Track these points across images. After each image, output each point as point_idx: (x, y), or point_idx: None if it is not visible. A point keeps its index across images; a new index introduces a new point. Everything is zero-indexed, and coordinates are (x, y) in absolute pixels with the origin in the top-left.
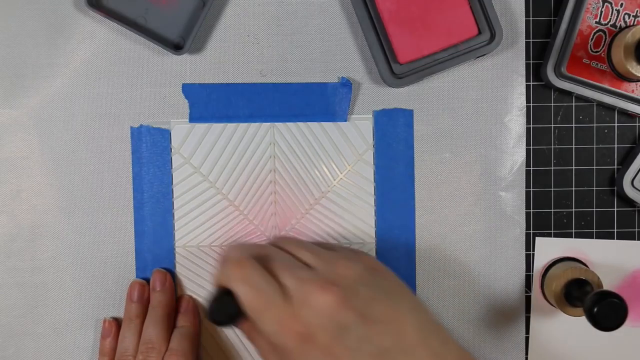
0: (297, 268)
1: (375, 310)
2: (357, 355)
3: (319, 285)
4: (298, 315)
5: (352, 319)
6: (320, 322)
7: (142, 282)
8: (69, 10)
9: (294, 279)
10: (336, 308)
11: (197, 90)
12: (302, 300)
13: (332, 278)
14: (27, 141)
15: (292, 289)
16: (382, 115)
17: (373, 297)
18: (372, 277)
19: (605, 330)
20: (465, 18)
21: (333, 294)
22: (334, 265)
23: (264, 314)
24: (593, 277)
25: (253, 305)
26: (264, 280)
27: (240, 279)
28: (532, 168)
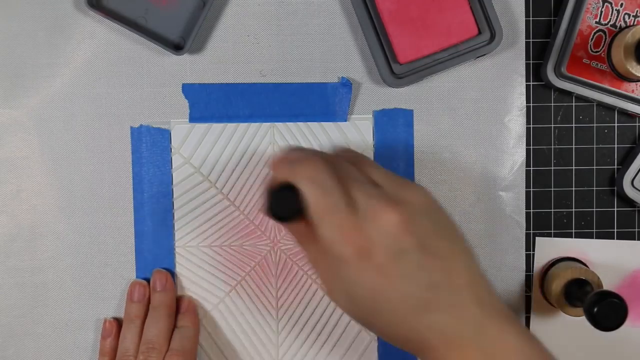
0: (366, 183)
1: (433, 242)
2: (409, 281)
3: (387, 203)
4: (361, 228)
5: (411, 245)
6: (382, 240)
7: (142, 282)
8: (69, 10)
9: (362, 192)
10: (399, 230)
11: (197, 90)
12: (367, 214)
13: (400, 199)
14: (27, 141)
15: (359, 201)
16: (382, 115)
17: (434, 229)
18: (436, 212)
19: (605, 330)
20: (465, 18)
21: (399, 215)
22: (403, 189)
23: (328, 218)
24: (593, 277)
25: (319, 206)
26: (334, 184)
27: (310, 176)
28: (532, 168)
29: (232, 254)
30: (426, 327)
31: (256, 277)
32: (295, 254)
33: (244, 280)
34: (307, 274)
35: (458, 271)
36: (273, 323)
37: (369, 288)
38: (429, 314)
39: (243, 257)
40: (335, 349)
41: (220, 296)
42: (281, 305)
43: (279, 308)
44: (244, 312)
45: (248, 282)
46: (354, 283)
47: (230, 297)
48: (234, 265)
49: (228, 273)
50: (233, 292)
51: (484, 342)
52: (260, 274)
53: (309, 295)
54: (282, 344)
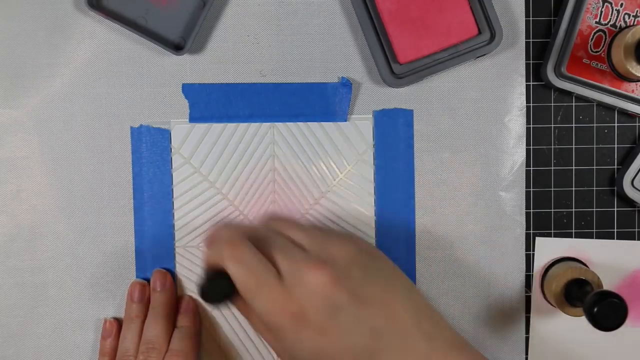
0: (289, 248)
1: (367, 291)
2: (350, 335)
3: (312, 264)
4: (291, 295)
5: (344, 299)
6: (313, 302)
7: (142, 282)
8: (69, 10)
9: (287, 259)
10: (329, 287)
11: (197, 90)
12: (294, 280)
13: (325, 258)
14: (27, 141)
15: (284, 269)
16: (382, 115)
17: (365, 278)
18: (365, 258)
19: (605, 330)
20: (465, 18)
21: (326, 273)
22: (326, 245)
23: (257, 294)
24: (593, 277)
25: (246, 285)
26: (257, 260)
27: (233, 258)
28: (532, 168)
29: None
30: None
31: None
32: None
33: None
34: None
35: (400, 313)
36: None
37: (311, 350)
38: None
39: None
40: None
41: None
42: None
43: None
44: None
45: None
46: (296, 348)
47: None
48: None
49: None
50: None
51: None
52: None
53: None
54: None
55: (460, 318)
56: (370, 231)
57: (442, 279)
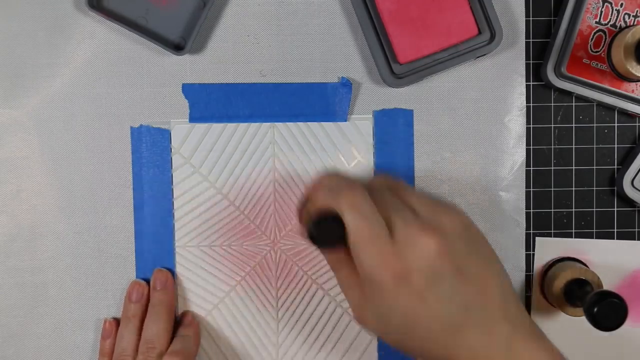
0: (404, 209)
1: (468, 265)
2: (443, 304)
3: (424, 229)
4: (399, 254)
5: (447, 269)
6: (419, 265)
7: (141, 282)
8: (69, 10)
9: (400, 219)
10: (436, 255)
11: (197, 90)
12: (405, 240)
13: (437, 225)
14: (27, 141)
15: (398, 228)
16: (382, 115)
17: (469, 254)
18: (471, 234)
19: (605, 330)
20: (465, 18)
21: (436, 240)
22: (438, 214)
23: (369, 246)
24: (593, 277)
25: (359, 234)
26: (374, 213)
27: (352, 205)
28: (532, 168)
29: (232, 254)
30: (458, 345)
31: (256, 277)
32: (296, 254)
33: (244, 280)
34: (307, 274)
35: (491, 292)
36: (273, 323)
37: (404, 312)
38: (461, 334)
39: (243, 257)
40: (336, 348)
41: (220, 296)
42: (281, 306)
43: (279, 308)
44: (244, 312)
45: (248, 282)
46: (389, 307)
47: (230, 297)
48: (234, 265)
49: (228, 273)
50: (233, 292)
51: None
52: (260, 274)
53: (309, 295)
54: (282, 344)
55: None
56: None
57: None
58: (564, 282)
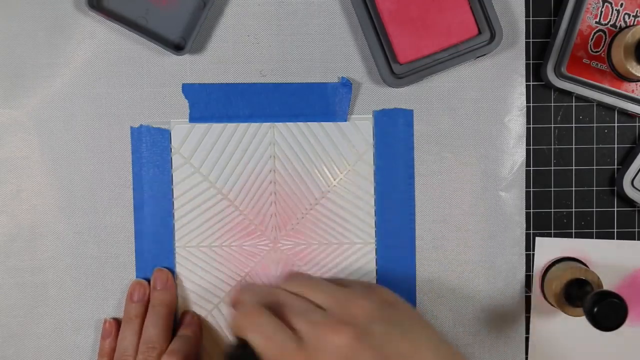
0: (309, 312)
1: (392, 346)
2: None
3: (332, 327)
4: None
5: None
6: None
7: (142, 282)
8: (69, 10)
9: (307, 324)
10: (351, 348)
11: (197, 90)
12: (316, 344)
13: (345, 319)
14: (27, 141)
15: (305, 333)
16: (382, 115)
17: (390, 333)
18: (388, 313)
19: (605, 330)
20: (465, 18)
21: (347, 334)
22: (347, 304)
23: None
24: (593, 277)
25: (268, 354)
26: (277, 328)
27: (253, 328)
28: (532, 168)
29: (232, 254)
30: None
31: (256, 277)
32: (296, 254)
33: (244, 281)
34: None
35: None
36: None
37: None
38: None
39: (243, 257)
40: None
41: (221, 296)
42: None
43: None
44: None
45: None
46: None
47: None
48: (234, 266)
49: (228, 273)
50: None
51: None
52: (260, 274)
53: None
54: None
55: (460, 318)
56: (370, 231)
57: (442, 279)
58: (564, 282)
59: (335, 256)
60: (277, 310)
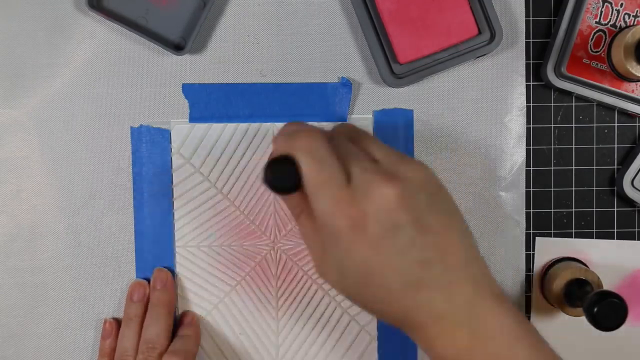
0: (363, 157)
1: (430, 220)
2: (401, 257)
3: (383, 177)
4: (356, 201)
5: (406, 220)
6: (376, 214)
7: (142, 282)
8: (69, 10)
9: (359, 167)
10: (395, 204)
11: (197, 90)
12: (363, 187)
13: (398, 174)
14: (27, 141)
15: (356, 174)
16: (382, 115)
17: (430, 206)
18: (434, 187)
19: (605, 330)
20: (465, 18)
21: (395, 189)
22: (400, 164)
23: (323, 190)
24: (593, 277)
25: (314, 178)
26: (331, 157)
27: (308, 149)
28: (532, 168)
29: (232, 254)
30: (416, 304)
31: (256, 277)
32: (296, 254)
33: (244, 280)
34: (307, 274)
35: (453, 249)
36: (273, 323)
37: (360, 262)
38: (420, 291)
39: (243, 257)
40: (336, 348)
41: (220, 296)
42: (281, 305)
43: (279, 308)
44: (244, 312)
45: (248, 282)
46: (345, 257)
47: (230, 297)
48: (234, 265)
49: (228, 273)
50: (233, 292)
51: (474, 322)
52: (260, 274)
53: (309, 295)
54: (282, 344)
55: None
56: None
57: None
58: (564, 282)
59: None
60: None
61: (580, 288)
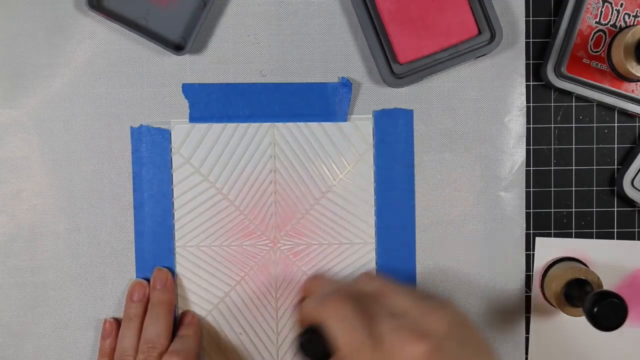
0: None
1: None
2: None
3: (411, 335)
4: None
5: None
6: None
7: (142, 282)
8: (69, 10)
9: (387, 326)
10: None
11: (197, 90)
12: (395, 348)
13: (425, 329)
14: (27, 141)
15: (385, 335)
16: (382, 115)
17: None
18: (461, 332)
19: (605, 330)
20: (465, 18)
21: (425, 346)
22: (427, 315)
23: (355, 356)
24: (593, 277)
25: (347, 346)
26: (361, 322)
27: (338, 317)
28: (532, 168)
29: (232, 254)
30: None
31: (256, 277)
32: (296, 254)
33: (244, 280)
34: (306, 274)
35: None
36: (273, 323)
37: None
38: None
39: (243, 257)
40: None
41: (220, 296)
42: (281, 305)
43: (278, 308)
44: (244, 312)
45: (248, 282)
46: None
47: (230, 297)
48: (234, 265)
49: (228, 273)
50: (233, 292)
51: None
52: (260, 274)
53: None
54: (282, 344)
55: None
56: (370, 231)
57: (442, 279)
58: (564, 282)
59: (335, 256)
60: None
61: (580, 288)
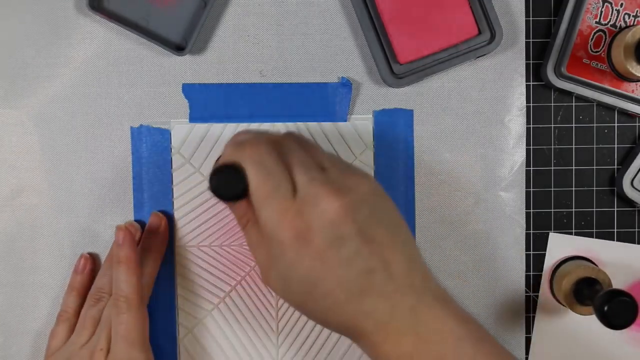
0: (311, 167)
1: (373, 230)
2: (346, 267)
3: (329, 189)
4: (301, 212)
5: (351, 232)
6: (321, 225)
7: (134, 225)
8: (69, 11)
9: (306, 177)
10: (339, 216)
11: (197, 90)
12: (309, 198)
13: (342, 187)
14: (27, 141)
15: (302, 185)
16: (382, 115)
17: (375, 217)
18: (378, 199)
19: (616, 328)
20: (465, 18)
21: (341, 202)
22: (347, 176)
23: (268, 200)
24: (604, 277)
25: (260, 188)
26: (278, 167)
27: (255, 158)
28: (532, 168)
29: (232, 254)
30: (361, 313)
31: (256, 278)
32: None
33: (244, 280)
34: None
35: (395, 259)
36: (273, 323)
37: (305, 272)
38: (364, 300)
39: (243, 257)
40: (335, 349)
41: (220, 296)
42: (281, 305)
43: (278, 308)
44: (244, 312)
45: (248, 282)
46: (290, 267)
47: (230, 297)
48: (234, 265)
49: (228, 273)
50: (233, 292)
51: (417, 327)
52: None
53: None
54: (282, 344)
55: None
56: None
57: (442, 279)
58: (574, 280)
59: None
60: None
61: (590, 287)
